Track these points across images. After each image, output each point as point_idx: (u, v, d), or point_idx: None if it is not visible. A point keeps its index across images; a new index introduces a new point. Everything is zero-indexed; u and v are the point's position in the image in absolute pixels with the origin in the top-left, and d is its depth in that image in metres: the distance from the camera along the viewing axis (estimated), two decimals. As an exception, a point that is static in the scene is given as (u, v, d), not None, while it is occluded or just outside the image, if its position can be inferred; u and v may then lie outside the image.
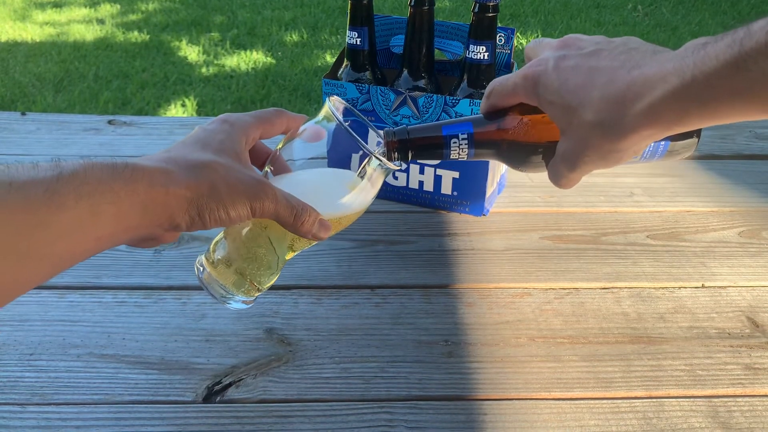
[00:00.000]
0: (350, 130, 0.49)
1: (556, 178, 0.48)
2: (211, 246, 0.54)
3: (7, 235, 0.33)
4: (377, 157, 0.50)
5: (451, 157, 0.50)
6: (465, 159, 0.50)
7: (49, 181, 0.35)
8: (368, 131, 0.55)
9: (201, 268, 0.53)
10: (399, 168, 0.52)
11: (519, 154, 0.50)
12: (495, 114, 0.49)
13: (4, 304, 0.35)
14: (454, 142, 0.49)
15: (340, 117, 0.50)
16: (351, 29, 0.78)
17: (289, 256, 0.55)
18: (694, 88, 0.37)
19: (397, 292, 0.67)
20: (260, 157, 0.52)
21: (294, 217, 0.47)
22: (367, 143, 0.52)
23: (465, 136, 0.49)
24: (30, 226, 0.34)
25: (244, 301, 0.54)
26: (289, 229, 0.48)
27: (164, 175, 0.41)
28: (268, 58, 3.02)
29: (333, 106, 0.50)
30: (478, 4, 0.71)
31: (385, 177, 0.53)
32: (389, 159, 0.51)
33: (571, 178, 0.47)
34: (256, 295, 0.54)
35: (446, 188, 0.79)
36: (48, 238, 0.35)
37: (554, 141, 0.47)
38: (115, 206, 0.38)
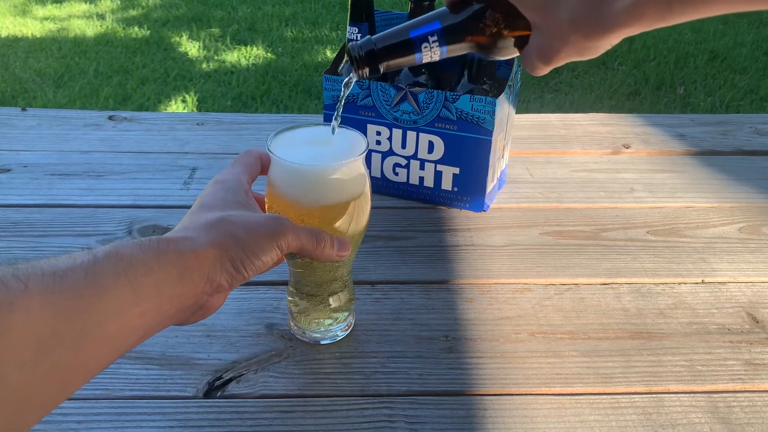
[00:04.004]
0: (276, 155, 0.51)
1: (530, 68, 0.46)
2: (291, 314, 0.60)
3: (61, 323, 0.33)
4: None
5: (424, 60, 0.47)
6: (437, 59, 0.47)
7: (87, 266, 0.36)
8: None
9: (299, 331, 0.60)
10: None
11: (490, 47, 0.47)
12: (460, 5, 0.46)
13: (73, 391, 0.36)
14: (425, 46, 0.46)
15: (278, 155, 0.50)
16: (351, 25, 0.78)
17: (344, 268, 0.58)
18: None
19: (397, 288, 0.67)
20: (259, 202, 0.52)
21: (316, 244, 0.48)
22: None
23: (435, 37, 0.46)
24: (78, 311, 0.34)
25: (347, 326, 0.61)
26: (314, 257, 0.49)
27: (187, 241, 0.42)
28: (269, 54, 3.01)
29: (270, 148, 0.51)
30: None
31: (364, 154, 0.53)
32: (360, 77, 0.48)
33: (545, 69, 0.45)
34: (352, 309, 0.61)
35: (446, 184, 0.79)
36: (97, 320, 0.35)
37: (527, 33, 0.44)
38: (152, 278, 0.38)
